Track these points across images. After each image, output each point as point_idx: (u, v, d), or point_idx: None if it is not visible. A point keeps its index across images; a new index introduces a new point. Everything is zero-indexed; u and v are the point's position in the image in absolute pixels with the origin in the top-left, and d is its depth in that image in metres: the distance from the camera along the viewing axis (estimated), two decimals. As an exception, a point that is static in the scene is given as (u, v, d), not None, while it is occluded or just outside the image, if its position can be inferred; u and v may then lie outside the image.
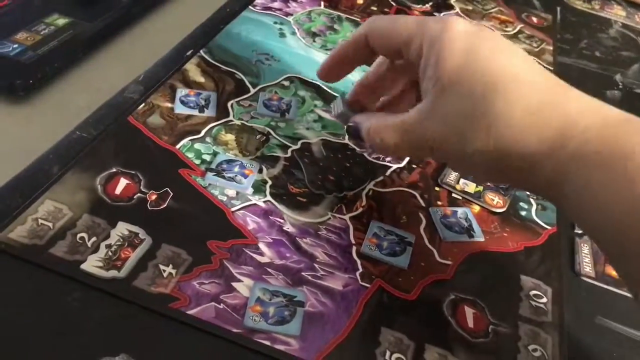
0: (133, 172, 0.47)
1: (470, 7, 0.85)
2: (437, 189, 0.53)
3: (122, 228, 0.42)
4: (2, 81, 0.58)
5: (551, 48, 0.79)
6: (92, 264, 0.40)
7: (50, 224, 0.42)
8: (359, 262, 0.44)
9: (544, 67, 0.74)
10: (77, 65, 0.64)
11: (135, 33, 0.72)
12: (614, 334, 0.44)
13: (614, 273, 0.48)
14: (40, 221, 0.42)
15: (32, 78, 0.58)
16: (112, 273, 0.39)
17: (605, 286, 0.47)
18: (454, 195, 0.52)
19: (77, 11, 0.70)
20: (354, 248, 0.45)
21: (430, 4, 0.83)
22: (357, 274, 0.44)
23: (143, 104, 0.54)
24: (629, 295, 0.47)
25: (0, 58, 0.60)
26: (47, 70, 0.61)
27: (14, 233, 0.40)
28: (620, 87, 0.74)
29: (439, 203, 0.51)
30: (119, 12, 0.71)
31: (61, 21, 0.69)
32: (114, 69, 0.65)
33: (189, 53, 0.62)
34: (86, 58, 0.66)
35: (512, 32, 0.81)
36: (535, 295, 0.45)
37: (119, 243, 0.41)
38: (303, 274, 0.43)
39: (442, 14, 0.81)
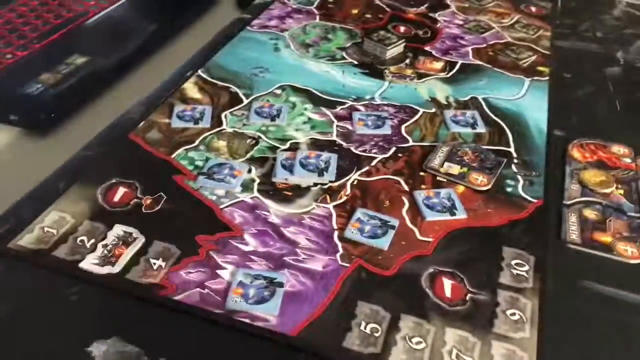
0: (131, 181, 0.51)
1: (466, 5, 0.87)
2: (421, 174, 0.54)
3: (118, 229, 0.46)
4: (26, 116, 0.65)
5: (549, 34, 0.80)
6: (89, 262, 0.44)
7: (54, 231, 0.46)
8: (339, 244, 0.47)
9: (541, 52, 0.75)
10: (95, 97, 0.71)
11: (148, 65, 0.78)
12: (599, 296, 0.44)
13: (602, 238, 0.48)
14: (46, 229, 0.46)
15: (53, 112, 0.65)
16: (107, 268, 0.43)
17: (591, 251, 0.47)
18: (438, 178, 0.54)
19: (95, 50, 0.78)
20: (336, 233, 0.48)
21: (426, 5, 0.86)
22: (338, 255, 0.46)
23: (143, 122, 0.59)
24: (615, 258, 0.47)
25: (25, 97, 0.67)
26: (66, 105, 0.67)
27: (23, 240, 0.45)
28: (622, 63, 0.74)
29: (423, 187, 0.53)
30: (133, 48, 0.78)
31: (80, 60, 0.75)
32: (128, 97, 0.70)
33: (188, 74, 0.67)
34: (103, 91, 0.72)
35: (508, 24, 0.82)
36: (517, 264, 0.46)
37: (114, 242, 0.45)
38: (285, 258, 0.45)
39: (437, 14, 0.83)
